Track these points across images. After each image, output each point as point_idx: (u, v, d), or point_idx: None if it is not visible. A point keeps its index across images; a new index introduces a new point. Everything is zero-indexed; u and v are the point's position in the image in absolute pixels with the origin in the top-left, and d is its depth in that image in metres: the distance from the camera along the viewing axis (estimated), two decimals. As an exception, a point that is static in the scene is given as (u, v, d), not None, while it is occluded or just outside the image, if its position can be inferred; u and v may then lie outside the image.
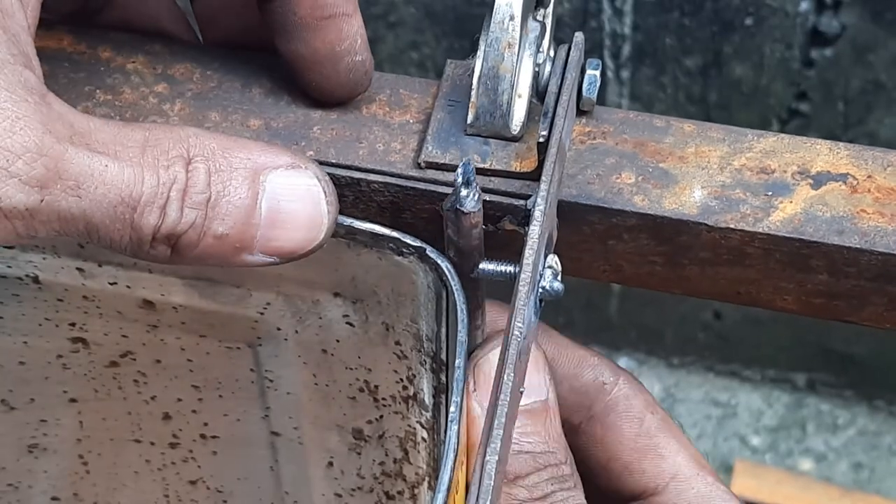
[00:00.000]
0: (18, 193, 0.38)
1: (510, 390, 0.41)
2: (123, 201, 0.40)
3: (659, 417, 0.54)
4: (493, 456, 0.40)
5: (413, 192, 0.49)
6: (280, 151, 0.45)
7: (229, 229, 0.43)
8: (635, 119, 0.50)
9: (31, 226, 0.39)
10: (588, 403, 0.54)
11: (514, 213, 0.48)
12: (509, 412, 0.41)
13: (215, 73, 0.52)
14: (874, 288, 0.48)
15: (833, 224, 0.47)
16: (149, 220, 0.41)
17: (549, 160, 0.45)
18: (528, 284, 0.43)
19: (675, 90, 1.35)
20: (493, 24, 0.47)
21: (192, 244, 0.42)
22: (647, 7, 1.26)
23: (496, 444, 0.40)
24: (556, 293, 0.45)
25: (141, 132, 0.42)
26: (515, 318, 0.42)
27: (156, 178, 0.41)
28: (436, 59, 1.37)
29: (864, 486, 1.61)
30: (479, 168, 0.48)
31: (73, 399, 0.63)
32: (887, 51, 1.25)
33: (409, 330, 0.53)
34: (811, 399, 1.69)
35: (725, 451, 1.65)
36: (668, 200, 0.48)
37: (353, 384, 0.58)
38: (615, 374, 0.55)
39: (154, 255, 0.42)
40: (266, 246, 0.44)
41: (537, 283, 0.44)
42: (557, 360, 0.55)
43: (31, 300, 0.57)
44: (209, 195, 0.42)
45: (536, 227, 0.44)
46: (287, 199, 0.44)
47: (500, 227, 0.48)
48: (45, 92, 0.40)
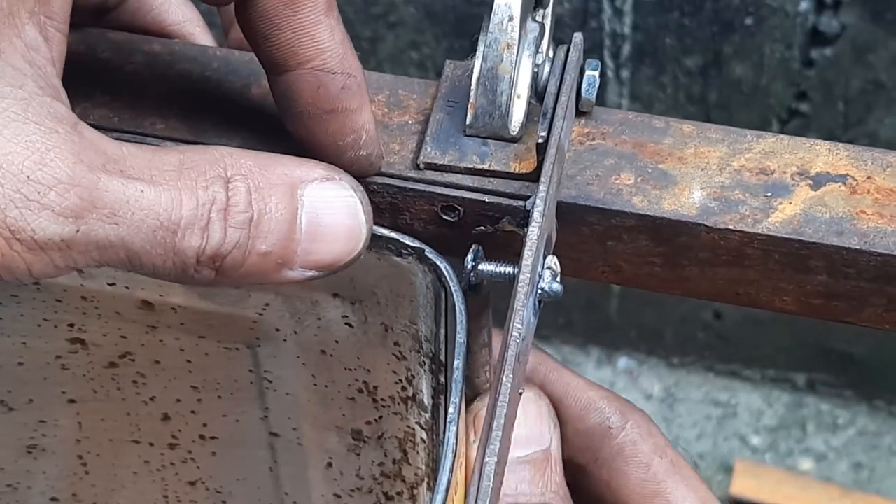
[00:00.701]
0: (52, 225, 0.38)
1: (509, 392, 0.41)
2: (163, 226, 0.40)
3: (668, 461, 0.53)
4: (492, 457, 0.40)
5: (412, 193, 0.48)
6: (313, 164, 0.44)
7: (272, 246, 0.42)
8: (634, 120, 0.50)
9: (69, 257, 0.39)
10: (594, 447, 0.54)
11: (513, 214, 0.48)
12: (508, 414, 0.41)
13: (215, 73, 0.52)
14: (873, 289, 0.48)
15: (832, 225, 0.47)
16: (191, 242, 0.40)
17: (548, 161, 0.45)
18: (527, 286, 0.43)
19: (675, 90, 1.35)
20: (491, 24, 0.47)
21: (238, 264, 0.42)
22: (646, 7, 1.26)
23: (495, 445, 0.40)
24: (556, 294, 0.45)
25: (175, 155, 0.41)
26: (514, 320, 0.42)
27: (195, 200, 0.40)
28: (436, 59, 1.37)
29: (864, 486, 1.61)
30: (477, 169, 0.48)
31: (71, 400, 0.63)
32: (887, 51, 1.25)
33: (408, 331, 0.53)
34: (811, 399, 1.69)
35: (725, 450, 1.65)
36: (667, 201, 0.48)
37: (352, 385, 0.58)
38: (623, 418, 0.54)
39: (199, 279, 0.41)
40: (306, 260, 0.43)
41: (536, 285, 0.44)
42: (564, 402, 0.54)
43: (30, 301, 0.57)
44: (251, 214, 0.41)
45: (535, 228, 0.44)
46: (326, 212, 0.43)
47: (498, 228, 0.48)
48: (76, 121, 0.40)
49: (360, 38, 1.36)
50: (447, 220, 0.49)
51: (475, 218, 0.48)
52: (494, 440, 0.40)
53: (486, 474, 0.39)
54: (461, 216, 0.48)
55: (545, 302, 0.46)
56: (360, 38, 1.36)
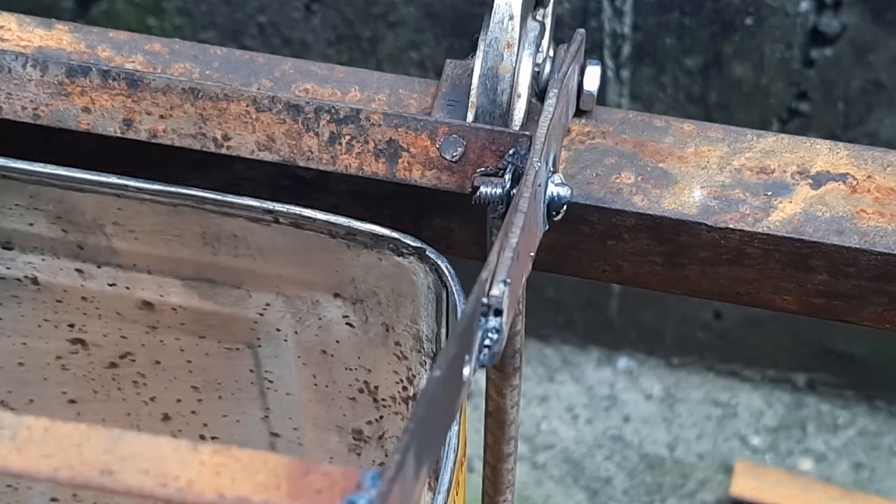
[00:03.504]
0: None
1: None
2: None
3: None
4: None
5: (414, 124, 0.47)
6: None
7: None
8: (635, 119, 0.50)
9: None
10: None
11: (518, 145, 0.46)
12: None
13: (215, 72, 0.52)
14: (874, 288, 0.48)
15: (833, 224, 0.47)
16: None
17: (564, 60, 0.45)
18: (542, 147, 0.42)
19: (675, 90, 1.35)
20: (492, 23, 0.47)
21: None
22: (647, 7, 1.26)
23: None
24: (565, 199, 0.44)
25: None
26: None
27: None
28: (436, 59, 1.37)
29: (865, 486, 1.61)
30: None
31: (72, 400, 0.62)
32: (887, 51, 1.25)
33: (409, 331, 0.53)
34: (811, 399, 1.68)
35: (725, 451, 1.65)
36: (667, 200, 0.48)
37: (352, 385, 0.58)
38: None
39: None
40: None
41: (546, 181, 0.44)
42: None
43: (31, 301, 0.57)
44: None
45: (552, 100, 0.44)
46: None
47: (502, 166, 0.47)
48: None
49: (360, 38, 1.35)
50: (447, 160, 0.47)
51: (478, 154, 0.47)
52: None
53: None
54: (463, 153, 0.47)
55: (556, 211, 0.45)
56: (360, 38, 1.36)
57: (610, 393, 1.67)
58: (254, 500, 0.29)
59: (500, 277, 0.38)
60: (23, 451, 0.28)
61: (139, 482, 0.28)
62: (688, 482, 1.64)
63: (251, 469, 0.29)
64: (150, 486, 0.28)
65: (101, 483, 0.28)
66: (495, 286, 0.38)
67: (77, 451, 0.28)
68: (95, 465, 0.28)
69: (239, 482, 0.29)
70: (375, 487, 0.28)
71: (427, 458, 0.32)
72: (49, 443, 0.29)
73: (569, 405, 1.66)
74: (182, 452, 0.29)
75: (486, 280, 0.38)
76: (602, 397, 1.67)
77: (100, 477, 0.28)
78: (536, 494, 1.62)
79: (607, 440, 1.66)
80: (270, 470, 0.29)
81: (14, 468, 0.28)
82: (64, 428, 0.29)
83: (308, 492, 0.29)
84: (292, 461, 0.29)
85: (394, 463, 0.28)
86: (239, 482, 0.29)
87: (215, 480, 0.29)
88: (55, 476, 0.28)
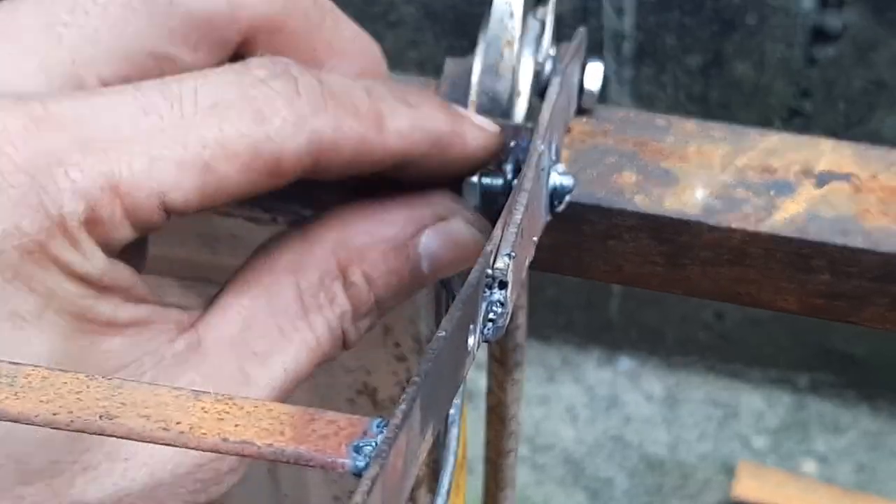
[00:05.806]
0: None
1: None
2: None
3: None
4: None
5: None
6: (420, 203, 0.42)
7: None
8: (636, 118, 0.50)
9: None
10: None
11: (520, 138, 0.46)
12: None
13: (212, 71, 0.51)
14: (876, 288, 0.48)
15: (836, 224, 0.47)
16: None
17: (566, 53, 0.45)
18: (546, 131, 0.42)
19: (676, 89, 1.35)
20: (492, 21, 0.47)
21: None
22: (647, 6, 1.26)
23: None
24: (568, 188, 0.44)
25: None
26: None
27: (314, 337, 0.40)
28: (436, 59, 1.37)
29: (867, 487, 1.61)
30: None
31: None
32: (890, 49, 1.24)
33: (408, 331, 0.53)
34: (813, 400, 1.68)
35: (727, 452, 1.65)
36: (669, 200, 0.47)
37: (351, 386, 0.58)
38: None
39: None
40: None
41: (549, 167, 0.44)
42: None
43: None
44: (372, 305, 0.40)
45: (555, 86, 0.43)
46: (444, 257, 0.42)
47: (503, 157, 0.47)
48: None
49: (359, 37, 1.35)
50: None
51: None
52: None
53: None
54: None
55: (559, 201, 0.45)
56: (360, 37, 1.35)
57: (610, 393, 1.68)
58: (257, 443, 0.29)
59: (505, 251, 0.38)
60: (21, 396, 0.28)
61: (140, 426, 0.28)
62: (689, 483, 1.64)
63: (255, 416, 0.29)
64: (151, 430, 0.28)
65: (100, 427, 0.28)
66: (500, 259, 0.38)
67: (76, 398, 0.29)
68: (95, 410, 0.28)
69: (242, 427, 0.29)
70: (381, 434, 0.28)
71: (432, 417, 0.32)
72: (48, 389, 0.29)
73: (569, 405, 1.66)
74: (183, 400, 0.29)
75: (490, 252, 0.37)
76: (602, 398, 1.67)
77: (99, 421, 0.28)
78: (537, 495, 1.62)
79: (608, 441, 1.66)
80: (274, 417, 0.29)
81: (12, 413, 0.28)
82: (63, 377, 0.29)
83: (313, 437, 0.29)
84: (297, 409, 0.30)
85: (400, 412, 0.28)
86: (242, 427, 0.29)
87: (218, 425, 0.29)
88: (53, 421, 0.28)
